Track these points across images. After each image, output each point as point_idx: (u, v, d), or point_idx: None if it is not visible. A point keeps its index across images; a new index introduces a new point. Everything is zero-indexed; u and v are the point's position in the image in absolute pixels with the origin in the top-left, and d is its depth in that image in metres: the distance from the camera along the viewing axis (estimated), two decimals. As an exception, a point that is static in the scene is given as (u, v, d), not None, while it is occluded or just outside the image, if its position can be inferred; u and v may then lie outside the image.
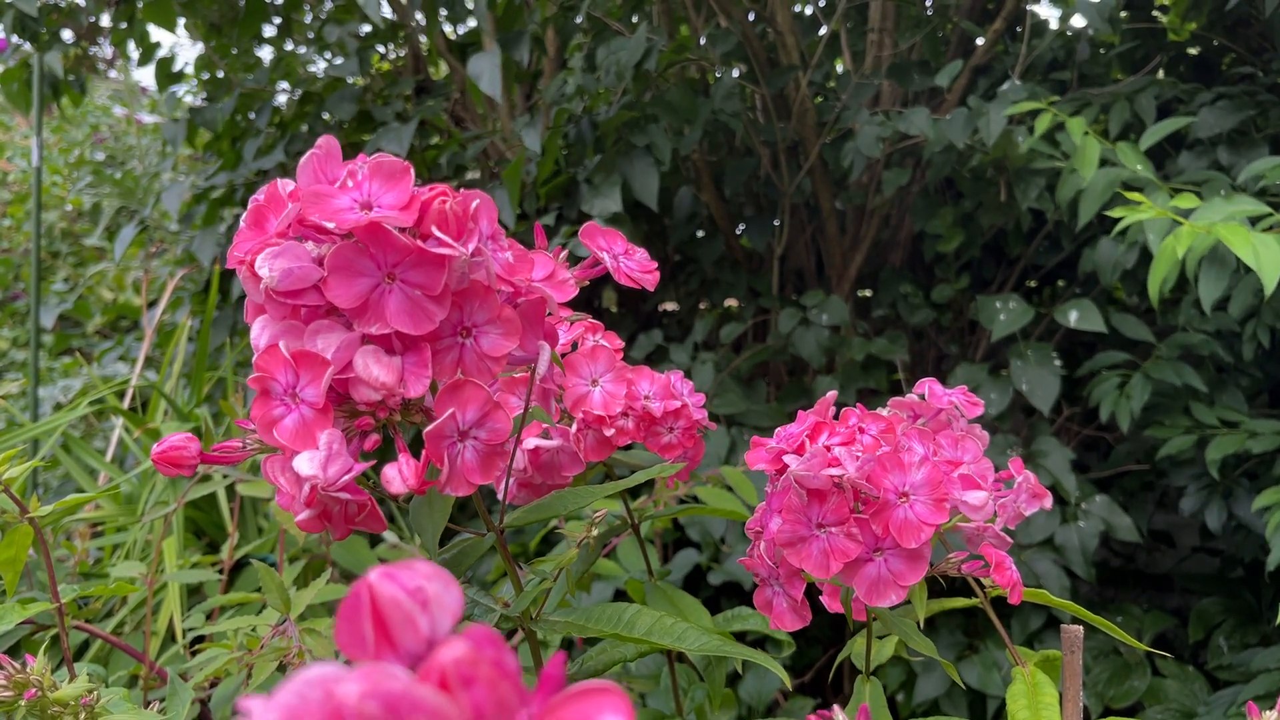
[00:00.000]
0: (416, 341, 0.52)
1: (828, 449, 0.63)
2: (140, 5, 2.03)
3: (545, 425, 0.74)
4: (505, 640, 0.23)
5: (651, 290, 0.68)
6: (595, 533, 0.75)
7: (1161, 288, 1.37)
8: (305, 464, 0.50)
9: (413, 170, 0.50)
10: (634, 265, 0.66)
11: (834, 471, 0.61)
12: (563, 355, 0.71)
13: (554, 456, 0.73)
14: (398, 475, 0.51)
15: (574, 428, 0.72)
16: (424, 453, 0.53)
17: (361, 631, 0.24)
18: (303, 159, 0.52)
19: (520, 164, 1.72)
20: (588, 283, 0.66)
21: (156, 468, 0.56)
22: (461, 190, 0.52)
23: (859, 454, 0.62)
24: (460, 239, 0.50)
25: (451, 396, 0.52)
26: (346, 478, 0.51)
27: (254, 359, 0.52)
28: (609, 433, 0.71)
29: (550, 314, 0.58)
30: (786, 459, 0.64)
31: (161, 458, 0.56)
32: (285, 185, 0.53)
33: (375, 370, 0.50)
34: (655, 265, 0.67)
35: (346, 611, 0.24)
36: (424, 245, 0.50)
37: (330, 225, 0.49)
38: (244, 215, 0.54)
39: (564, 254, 0.64)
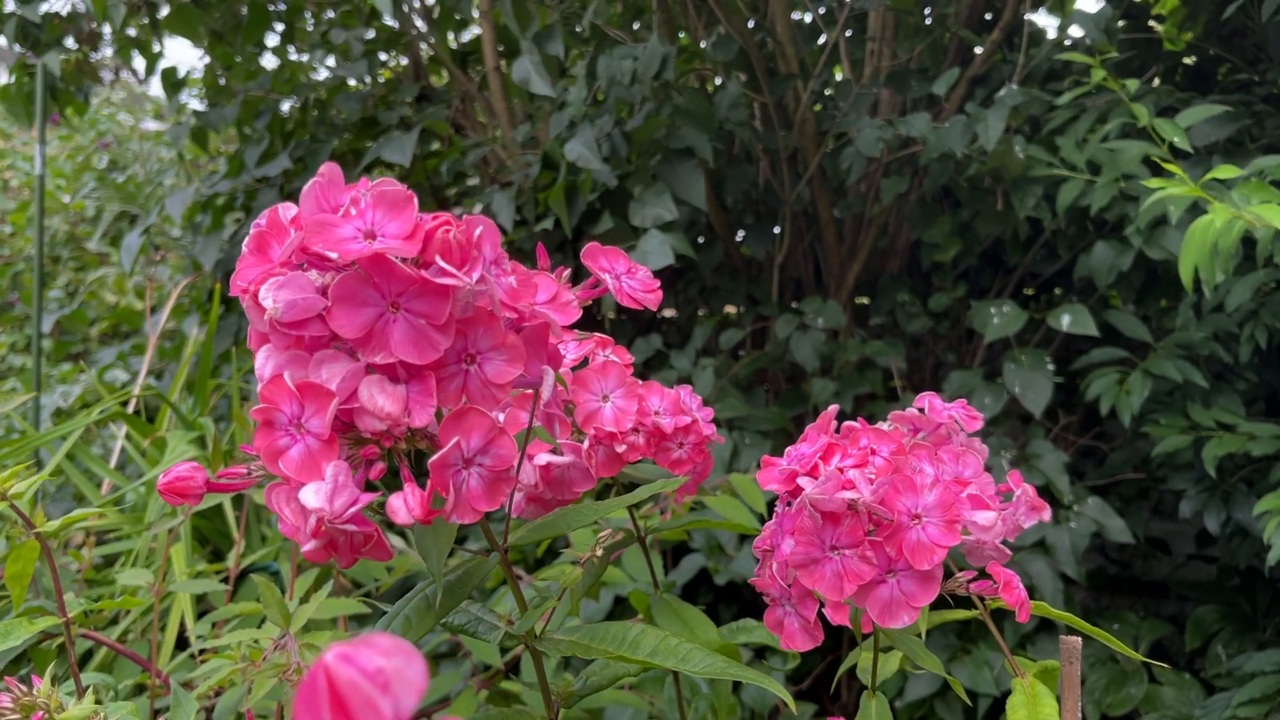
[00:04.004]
0: (421, 370, 0.52)
1: (841, 471, 0.64)
2: (163, 16, 2.04)
3: (556, 442, 0.74)
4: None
5: (655, 309, 0.68)
6: (599, 552, 0.76)
7: (1196, 275, 1.33)
8: (311, 496, 0.50)
9: (415, 199, 0.51)
10: (636, 285, 0.67)
11: (849, 495, 0.62)
12: (572, 371, 0.71)
13: (565, 472, 0.73)
14: (403, 506, 0.51)
15: (585, 444, 0.72)
16: (429, 482, 0.53)
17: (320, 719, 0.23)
18: (305, 187, 0.52)
19: (562, 185, 1.71)
20: (590, 302, 0.66)
21: (163, 498, 0.56)
22: (464, 216, 0.52)
23: (873, 477, 0.63)
24: (464, 267, 0.50)
25: (456, 425, 0.53)
26: (353, 510, 0.50)
27: (258, 389, 0.52)
28: (620, 449, 0.71)
29: (554, 337, 0.59)
30: (801, 481, 0.64)
31: (168, 489, 0.56)
32: (287, 211, 0.53)
33: (380, 400, 0.50)
34: (658, 284, 0.67)
35: (304, 696, 0.23)
36: (428, 275, 0.50)
37: (334, 255, 0.49)
38: (246, 241, 0.54)
39: (566, 273, 0.64)
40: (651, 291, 0.68)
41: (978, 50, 1.87)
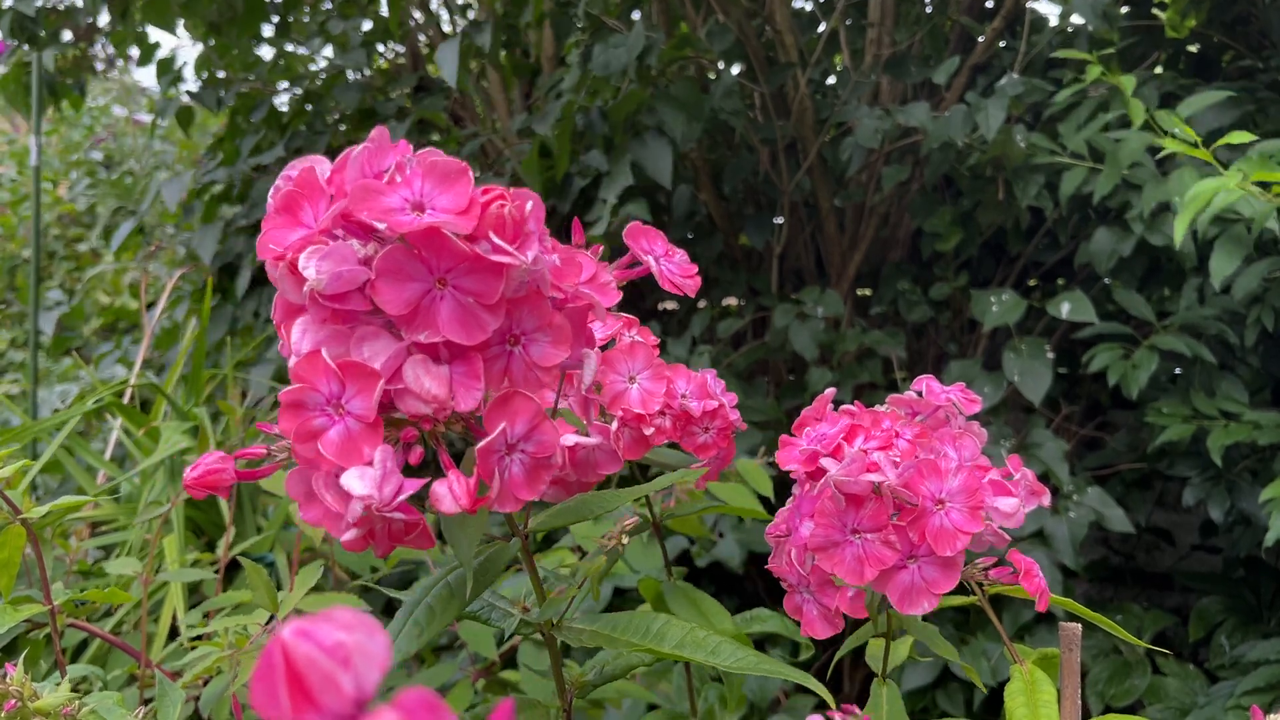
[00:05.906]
0: (466, 351, 0.49)
1: (865, 453, 0.62)
2: (138, 5, 2.01)
3: (583, 424, 0.72)
4: (442, 703, 0.21)
5: (693, 295, 0.67)
6: (625, 540, 0.74)
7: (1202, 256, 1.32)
8: (357, 482, 0.47)
9: (470, 171, 0.48)
10: (675, 268, 0.65)
11: (874, 477, 0.61)
12: (599, 351, 0.70)
13: (591, 454, 0.70)
14: (448, 494, 0.48)
15: (613, 425, 0.70)
16: (475, 469, 0.50)
17: (277, 697, 0.22)
18: (354, 150, 0.49)
19: (536, 157, 1.71)
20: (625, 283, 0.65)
21: (190, 493, 0.52)
22: (513, 190, 0.49)
23: (897, 459, 0.62)
24: (516, 244, 0.48)
25: (501, 409, 0.50)
26: (401, 497, 0.48)
27: (291, 365, 0.48)
28: (648, 431, 0.69)
29: (597, 319, 0.57)
30: (824, 462, 0.63)
31: (198, 483, 0.52)
32: (322, 169, 0.50)
33: (427, 382, 0.47)
34: (696, 269, 0.65)
35: (261, 673, 0.22)
36: (482, 252, 0.47)
37: (381, 226, 0.47)
38: (272, 197, 0.50)
39: (601, 251, 0.63)
40: (690, 276, 0.66)
41: (979, 39, 1.86)
